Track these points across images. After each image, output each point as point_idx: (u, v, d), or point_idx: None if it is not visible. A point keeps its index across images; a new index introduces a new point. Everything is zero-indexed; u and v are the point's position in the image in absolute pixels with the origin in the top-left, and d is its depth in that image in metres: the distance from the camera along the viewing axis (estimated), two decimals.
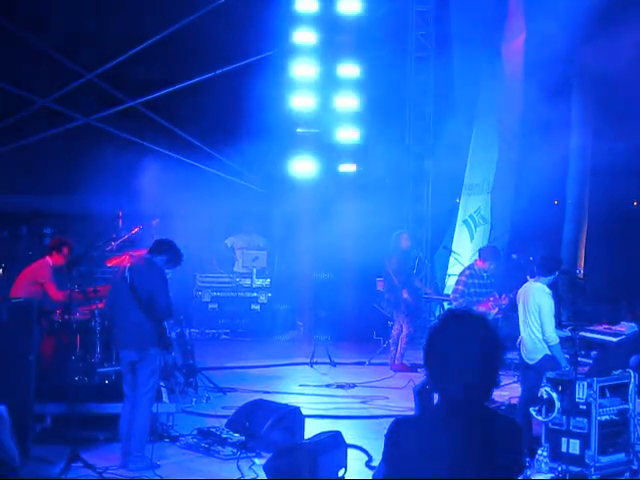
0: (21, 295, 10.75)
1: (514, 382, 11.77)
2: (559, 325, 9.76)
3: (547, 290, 9.74)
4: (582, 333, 10.11)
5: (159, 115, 18.70)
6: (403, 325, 14.77)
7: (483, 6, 17.38)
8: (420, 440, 3.62)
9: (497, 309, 12.34)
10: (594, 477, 8.68)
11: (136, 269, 9.16)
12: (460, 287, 12.68)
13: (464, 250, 17.09)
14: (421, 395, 3.83)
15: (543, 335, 9.55)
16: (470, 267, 13.01)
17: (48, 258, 11.50)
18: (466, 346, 3.61)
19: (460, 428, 3.60)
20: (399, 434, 3.67)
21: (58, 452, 9.07)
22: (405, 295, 14.74)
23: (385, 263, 14.95)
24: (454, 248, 17.37)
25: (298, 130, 18.37)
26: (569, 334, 9.86)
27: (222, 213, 17.82)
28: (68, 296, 10.94)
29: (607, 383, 8.94)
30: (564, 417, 8.83)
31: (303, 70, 18.17)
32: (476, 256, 13.68)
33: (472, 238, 17.25)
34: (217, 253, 18.72)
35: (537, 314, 9.62)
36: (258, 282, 18.40)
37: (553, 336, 9.53)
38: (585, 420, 8.75)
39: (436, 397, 3.75)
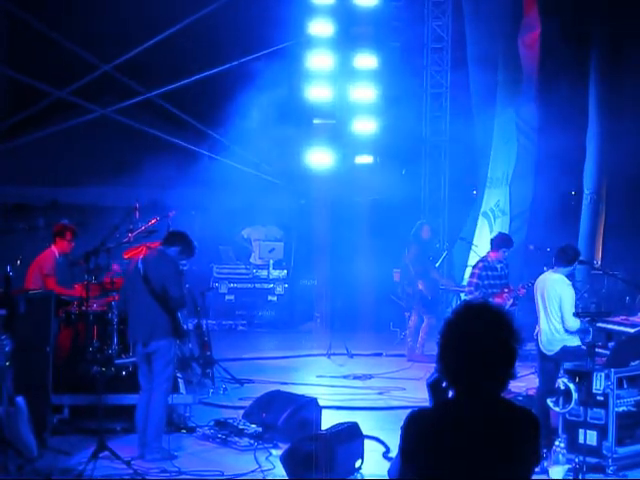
0: (33, 287, 10.73)
1: (531, 373, 11.74)
2: (576, 315, 9.71)
3: (567, 281, 9.72)
4: (599, 324, 10.06)
5: (175, 107, 18.71)
6: (424, 316, 14.75)
7: None
8: (436, 432, 3.61)
9: (512, 300, 12.28)
10: (611, 468, 8.67)
11: (149, 260, 9.19)
12: (474, 280, 12.60)
13: (485, 242, 17.02)
14: (433, 387, 3.78)
15: (564, 325, 9.53)
16: (483, 259, 12.92)
17: (53, 247, 11.40)
18: (482, 338, 3.59)
19: (476, 420, 3.59)
20: (415, 426, 3.65)
21: (75, 443, 9.12)
22: (420, 286, 14.71)
23: (405, 253, 14.94)
24: (475, 240, 17.29)
25: (315, 121, 18.34)
26: (586, 326, 9.81)
27: (239, 204, 17.84)
28: (70, 290, 11.01)
29: (625, 374, 8.92)
30: (581, 408, 8.82)
31: (319, 61, 18.11)
32: None
33: (491, 230, 17.19)
34: (234, 244, 18.72)
35: (557, 305, 9.58)
36: (275, 273, 18.40)
37: (575, 326, 9.53)
38: (602, 411, 8.73)
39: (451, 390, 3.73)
